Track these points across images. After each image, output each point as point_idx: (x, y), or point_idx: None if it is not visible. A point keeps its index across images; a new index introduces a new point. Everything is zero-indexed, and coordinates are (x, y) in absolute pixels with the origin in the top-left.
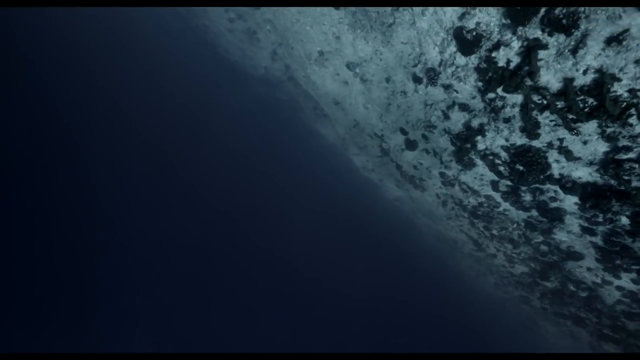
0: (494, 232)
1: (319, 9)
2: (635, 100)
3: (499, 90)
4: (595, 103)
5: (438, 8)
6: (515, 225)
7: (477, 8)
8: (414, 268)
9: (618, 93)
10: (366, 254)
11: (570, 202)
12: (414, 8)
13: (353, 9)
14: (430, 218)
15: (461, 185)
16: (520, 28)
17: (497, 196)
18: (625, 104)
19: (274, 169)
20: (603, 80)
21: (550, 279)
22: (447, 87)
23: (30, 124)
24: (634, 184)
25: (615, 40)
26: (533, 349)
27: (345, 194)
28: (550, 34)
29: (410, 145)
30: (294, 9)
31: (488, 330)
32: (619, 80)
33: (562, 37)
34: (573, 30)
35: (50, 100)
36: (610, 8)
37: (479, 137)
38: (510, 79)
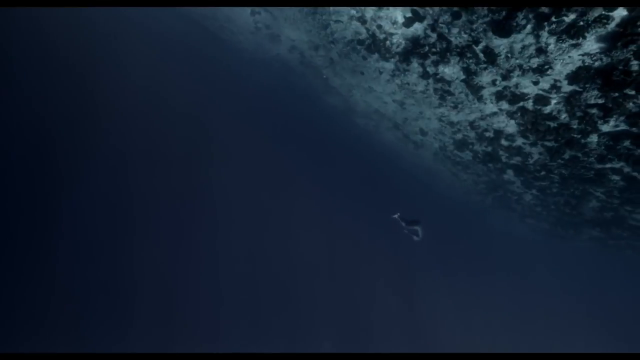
0: (468, 171)
1: (381, 91)
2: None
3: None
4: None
5: (466, 116)
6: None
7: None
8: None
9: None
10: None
11: (510, 169)
12: (451, 113)
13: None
14: (418, 157)
15: (452, 153)
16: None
17: (474, 162)
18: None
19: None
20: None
21: (498, 191)
22: (458, 130)
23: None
24: (530, 168)
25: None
26: (483, 226)
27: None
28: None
29: (424, 133)
30: (367, 84)
31: (458, 213)
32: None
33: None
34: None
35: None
36: None
37: (470, 146)
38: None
